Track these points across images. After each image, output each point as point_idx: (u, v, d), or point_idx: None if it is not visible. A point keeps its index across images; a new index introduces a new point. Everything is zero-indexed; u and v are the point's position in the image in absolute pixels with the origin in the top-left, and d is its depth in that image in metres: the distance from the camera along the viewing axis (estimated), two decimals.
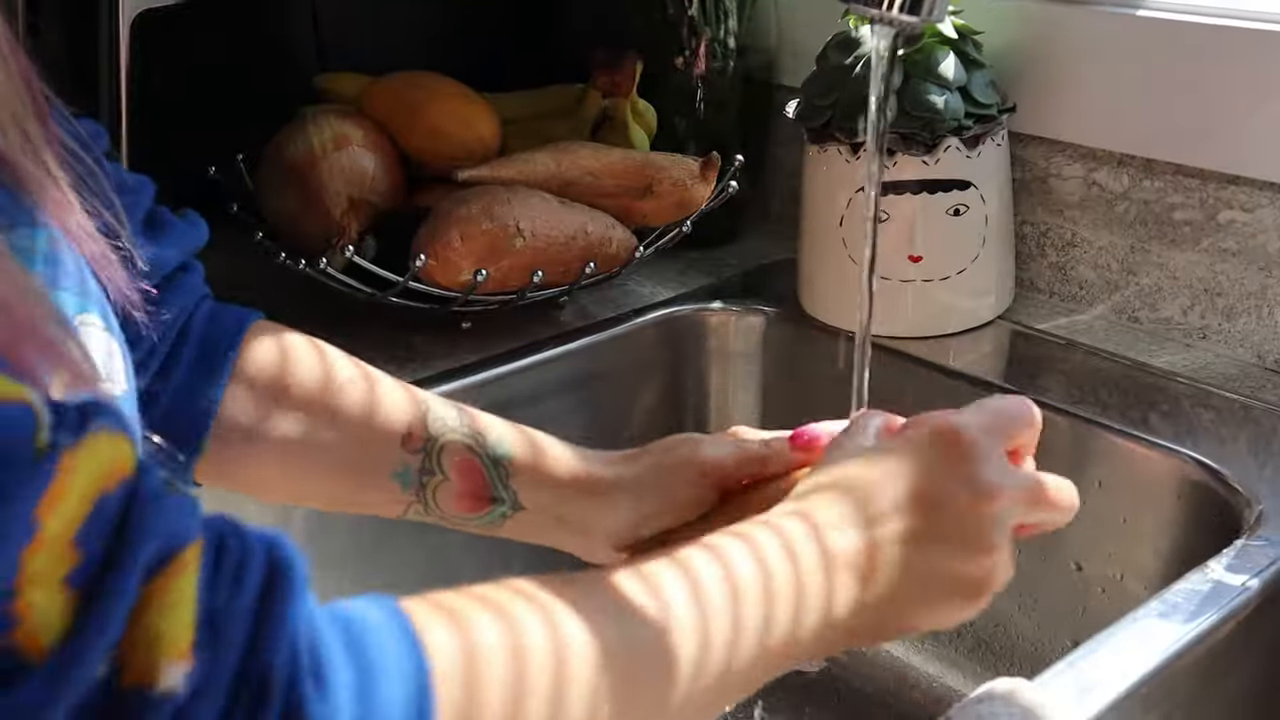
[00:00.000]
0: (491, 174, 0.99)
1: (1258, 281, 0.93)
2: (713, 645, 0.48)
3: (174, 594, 0.33)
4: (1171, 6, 0.94)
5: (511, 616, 0.43)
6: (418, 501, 0.65)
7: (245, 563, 0.36)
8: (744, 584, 0.49)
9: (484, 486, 0.65)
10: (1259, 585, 0.69)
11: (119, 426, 0.34)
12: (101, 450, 0.33)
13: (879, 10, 0.61)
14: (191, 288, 0.63)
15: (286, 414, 0.64)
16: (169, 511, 0.34)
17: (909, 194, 0.96)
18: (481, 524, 0.66)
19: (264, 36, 1.13)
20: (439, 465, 0.65)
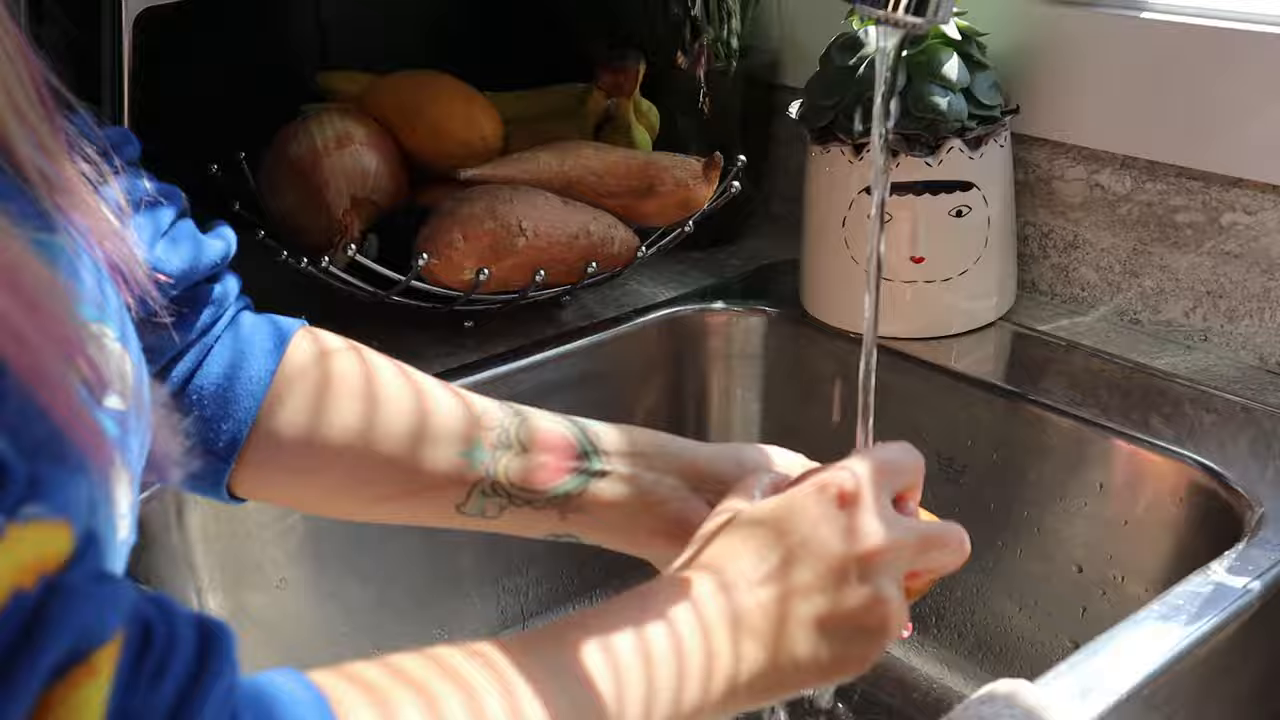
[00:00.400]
0: (494, 173, 0.99)
1: (1260, 284, 0.93)
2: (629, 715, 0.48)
3: (78, 701, 0.31)
4: (1175, 9, 0.94)
5: (435, 700, 0.43)
6: (485, 479, 0.63)
7: (169, 658, 0.34)
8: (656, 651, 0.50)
9: (572, 450, 0.64)
10: (1260, 587, 0.69)
11: (60, 512, 0.32)
12: (27, 543, 0.31)
13: (885, 11, 0.61)
14: (221, 297, 0.62)
15: (335, 409, 0.62)
16: (86, 608, 0.32)
17: (911, 195, 0.95)
18: (558, 493, 0.64)
19: (266, 35, 1.13)
20: (517, 438, 0.64)
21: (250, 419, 0.61)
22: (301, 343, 0.64)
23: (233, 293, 0.64)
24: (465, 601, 0.98)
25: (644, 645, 0.50)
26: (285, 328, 0.64)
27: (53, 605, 0.31)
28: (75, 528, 0.33)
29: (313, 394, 0.62)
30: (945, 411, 0.95)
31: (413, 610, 0.95)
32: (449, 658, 0.45)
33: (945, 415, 0.95)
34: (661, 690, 0.49)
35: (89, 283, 0.46)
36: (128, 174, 0.55)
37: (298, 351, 0.63)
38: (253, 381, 0.62)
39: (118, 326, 0.48)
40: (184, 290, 0.60)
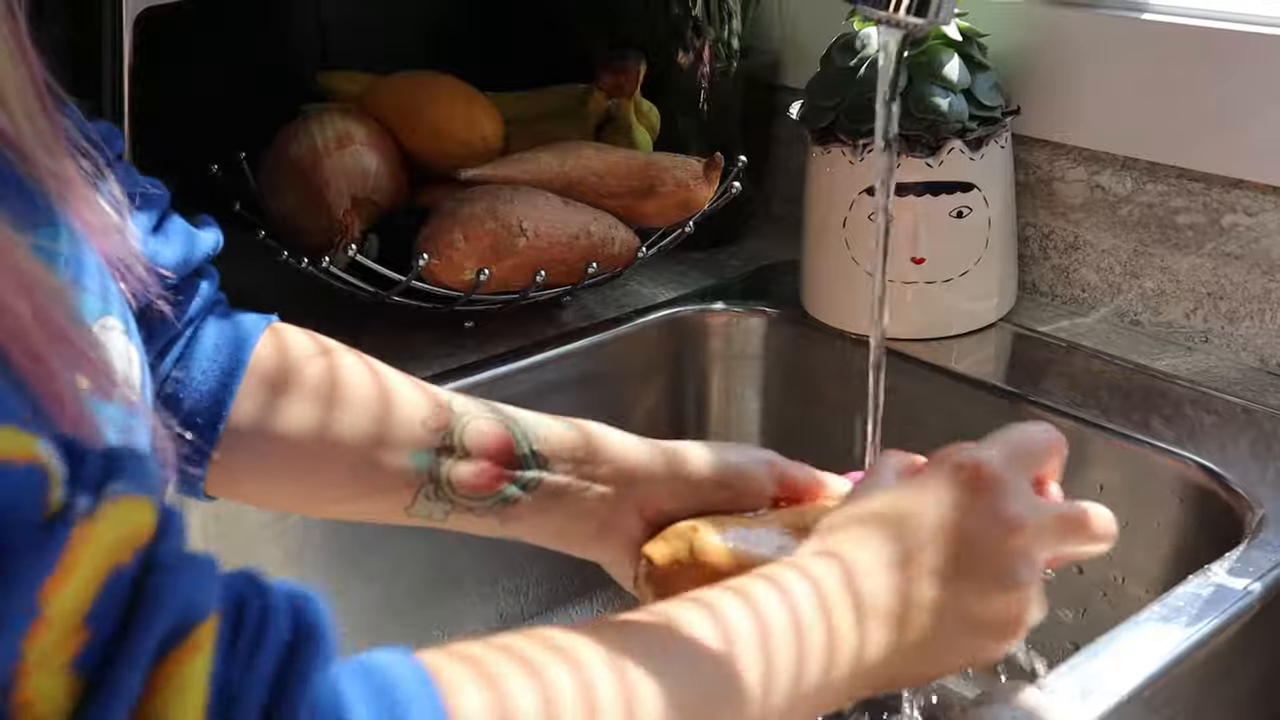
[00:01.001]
0: (495, 173, 0.99)
1: (1261, 285, 0.93)
2: (745, 696, 0.47)
3: (185, 676, 0.32)
4: (1176, 10, 0.94)
5: (542, 674, 0.42)
6: (429, 483, 0.64)
7: (264, 631, 0.34)
8: (775, 631, 0.48)
9: (507, 455, 0.64)
10: (1261, 589, 0.69)
11: (141, 486, 0.33)
12: (119, 519, 0.32)
13: (886, 12, 0.61)
14: (203, 294, 0.63)
15: (294, 406, 0.63)
16: (185, 582, 0.33)
17: (912, 196, 0.95)
18: (495, 502, 0.64)
19: (267, 35, 1.13)
20: (460, 442, 0.64)
21: (225, 412, 0.61)
22: (268, 339, 0.64)
23: (214, 288, 0.64)
24: (465, 601, 0.98)
25: (763, 625, 0.48)
26: (254, 324, 0.64)
27: (152, 582, 0.32)
28: (156, 503, 0.33)
29: (271, 391, 0.63)
30: (946, 412, 0.95)
31: (412, 610, 0.95)
32: (557, 636, 0.44)
33: (946, 416, 0.95)
34: (780, 670, 0.48)
35: (94, 273, 0.46)
36: (118, 167, 0.55)
37: (267, 348, 0.64)
38: (227, 373, 0.62)
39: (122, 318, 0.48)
40: (176, 282, 0.60)
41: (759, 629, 0.48)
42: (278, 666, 0.34)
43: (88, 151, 0.50)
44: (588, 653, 0.43)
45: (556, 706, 0.41)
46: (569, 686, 0.42)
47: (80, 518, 0.31)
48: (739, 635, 0.47)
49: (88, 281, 0.45)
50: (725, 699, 0.46)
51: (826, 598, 0.50)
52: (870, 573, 0.51)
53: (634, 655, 0.44)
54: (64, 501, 0.31)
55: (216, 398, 0.61)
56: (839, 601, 0.50)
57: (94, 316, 0.45)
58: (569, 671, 0.42)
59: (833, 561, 0.52)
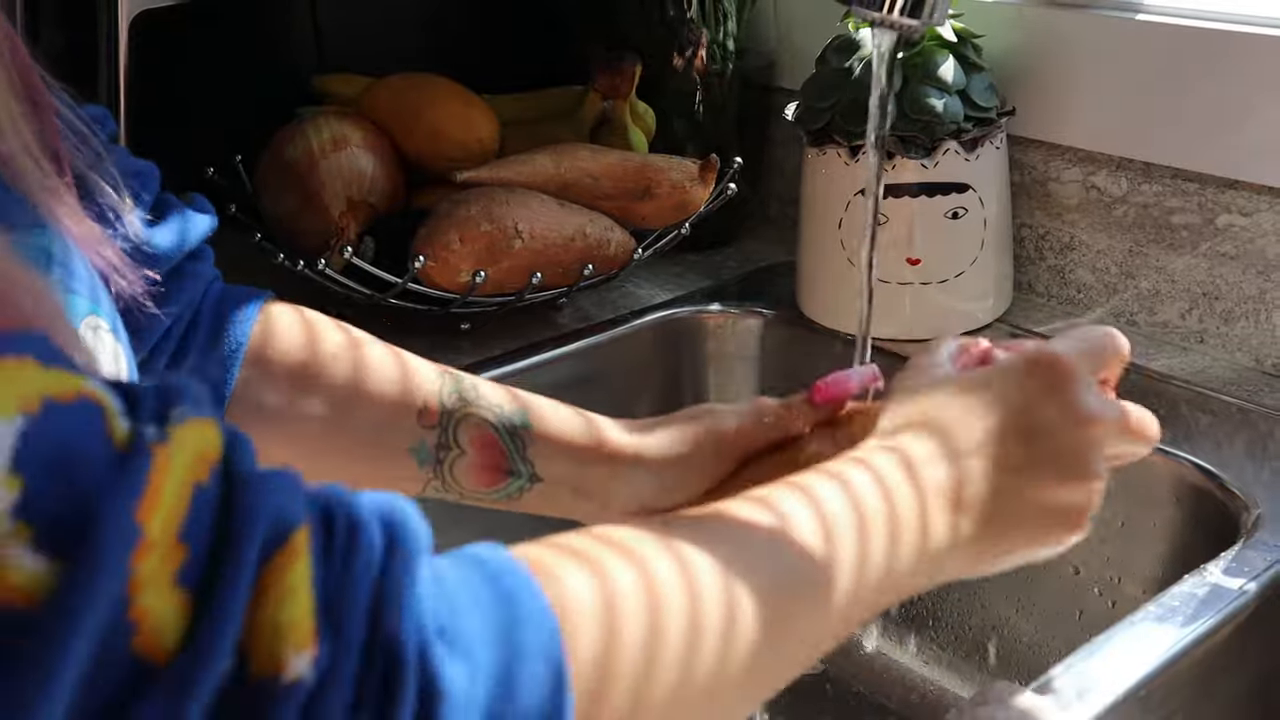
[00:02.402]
0: (490, 175, 0.99)
1: (1256, 285, 0.93)
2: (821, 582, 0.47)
3: (289, 581, 0.32)
4: (1170, 11, 0.94)
5: (641, 559, 0.42)
6: (435, 478, 0.65)
7: (356, 537, 0.34)
8: (843, 520, 0.48)
9: (501, 459, 0.65)
10: (1257, 589, 0.69)
11: (201, 409, 0.33)
12: (190, 440, 0.32)
13: (880, 13, 0.62)
14: (201, 274, 0.63)
15: (315, 394, 0.63)
16: (271, 493, 0.33)
17: (907, 197, 0.96)
18: (499, 497, 0.66)
19: (263, 37, 1.13)
20: (455, 440, 0.65)
21: (225, 393, 0.62)
22: (280, 314, 0.65)
23: (210, 269, 0.64)
24: None
25: (827, 516, 0.48)
26: (255, 297, 0.65)
27: (239, 495, 0.32)
28: (219, 423, 0.34)
29: (290, 370, 0.63)
30: None
31: None
32: (655, 525, 0.45)
33: None
34: (873, 552, 0.48)
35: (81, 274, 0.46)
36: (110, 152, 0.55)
37: (276, 323, 0.64)
38: (226, 354, 0.62)
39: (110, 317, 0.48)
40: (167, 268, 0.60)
41: (825, 519, 0.48)
42: (377, 567, 0.34)
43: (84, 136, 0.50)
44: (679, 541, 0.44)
45: (658, 591, 0.41)
46: (670, 571, 0.42)
47: (153, 442, 0.31)
48: (811, 523, 0.48)
49: (75, 282, 0.45)
50: (807, 584, 0.47)
51: (889, 486, 0.50)
52: (932, 463, 0.51)
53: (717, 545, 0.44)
54: (130, 430, 0.31)
55: (218, 378, 0.62)
56: (902, 489, 0.50)
57: (81, 316, 0.45)
58: (668, 557, 0.43)
59: (895, 455, 0.52)
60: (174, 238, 0.60)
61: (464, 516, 0.79)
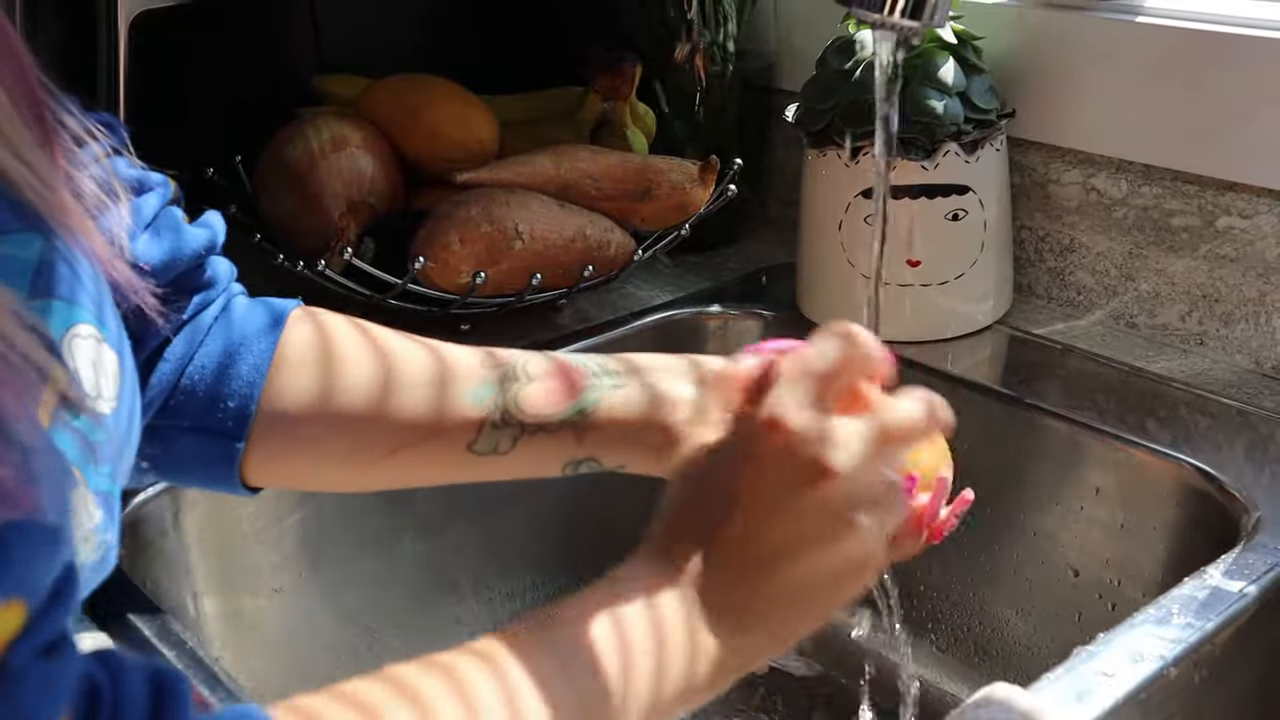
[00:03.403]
0: (490, 176, 0.99)
1: (1255, 288, 0.93)
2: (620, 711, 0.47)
3: None
4: (1170, 13, 0.94)
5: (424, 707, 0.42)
6: (494, 413, 0.61)
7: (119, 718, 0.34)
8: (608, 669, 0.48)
9: (574, 373, 0.62)
10: (1257, 591, 0.69)
11: (16, 587, 0.32)
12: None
13: (880, 15, 0.61)
14: (209, 283, 0.62)
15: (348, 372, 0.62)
16: (31, 693, 0.31)
17: (907, 198, 0.96)
18: (572, 413, 0.62)
19: (263, 38, 1.13)
20: (524, 370, 0.62)
21: (256, 394, 0.61)
22: (300, 319, 0.64)
23: (223, 278, 0.63)
24: (462, 606, 0.97)
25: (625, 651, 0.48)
26: (281, 306, 0.64)
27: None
28: (30, 603, 0.32)
29: (318, 363, 0.62)
30: None
31: (408, 613, 0.95)
32: (449, 662, 0.45)
33: None
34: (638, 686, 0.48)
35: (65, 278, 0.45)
36: (113, 160, 0.55)
37: (297, 327, 0.63)
38: (254, 356, 0.61)
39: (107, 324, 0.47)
40: (169, 279, 0.60)
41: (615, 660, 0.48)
42: None
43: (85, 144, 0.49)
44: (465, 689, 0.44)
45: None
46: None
47: None
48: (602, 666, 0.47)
49: (59, 286, 0.44)
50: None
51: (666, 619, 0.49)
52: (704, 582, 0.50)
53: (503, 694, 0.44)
54: None
55: (247, 380, 0.61)
56: (678, 620, 0.49)
57: (61, 324, 0.44)
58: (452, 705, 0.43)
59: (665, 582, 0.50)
60: (166, 253, 0.59)
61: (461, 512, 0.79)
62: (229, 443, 0.61)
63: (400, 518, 0.94)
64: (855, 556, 0.51)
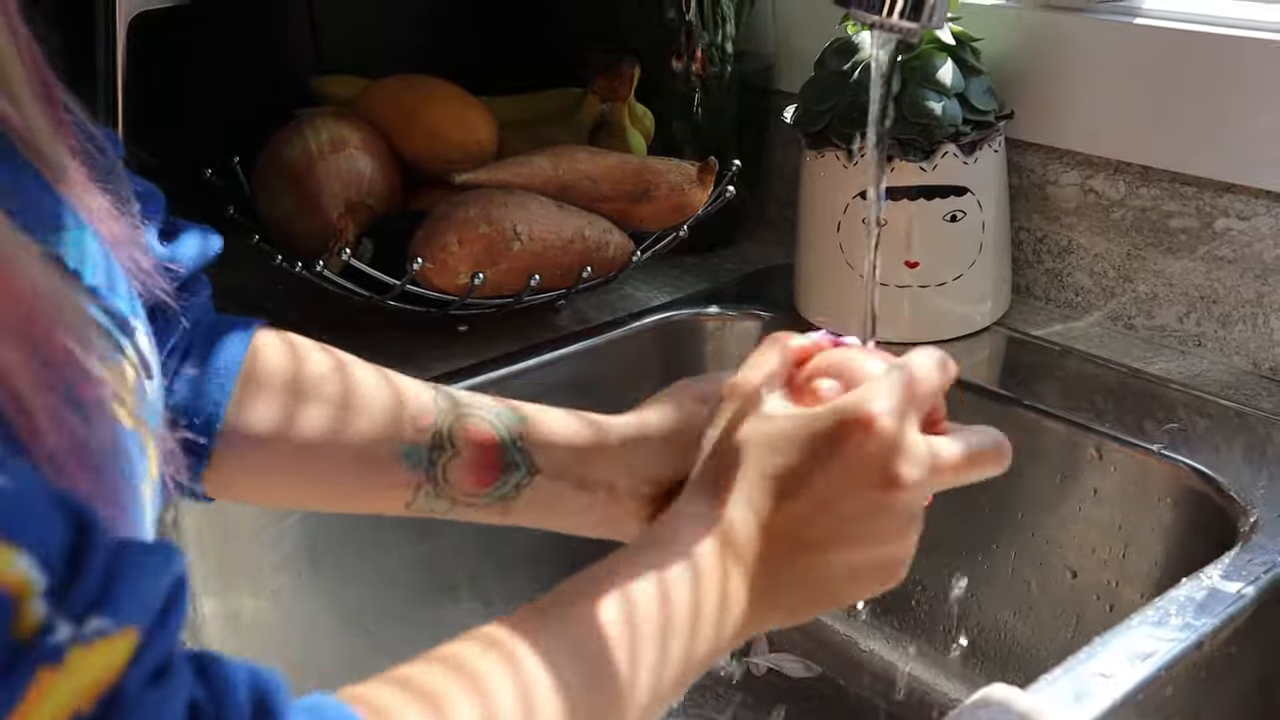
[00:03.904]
0: (489, 177, 0.99)
1: (1253, 289, 0.93)
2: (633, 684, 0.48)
3: None
4: (1168, 15, 0.94)
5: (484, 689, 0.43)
6: (428, 481, 0.64)
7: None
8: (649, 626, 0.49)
9: (498, 455, 0.64)
10: (1255, 592, 0.69)
11: (131, 613, 0.32)
12: (92, 663, 0.31)
13: (878, 16, 0.62)
14: (201, 296, 0.63)
15: (306, 414, 0.62)
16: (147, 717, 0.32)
17: (906, 200, 0.96)
18: (494, 498, 0.64)
19: (261, 38, 1.13)
20: (450, 440, 0.64)
21: (221, 413, 0.61)
22: (268, 339, 0.64)
23: (207, 292, 0.64)
24: (460, 607, 0.97)
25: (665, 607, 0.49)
26: (248, 324, 0.64)
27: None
28: (143, 628, 0.32)
29: (281, 390, 0.63)
30: None
31: (407, 614, 0.95)
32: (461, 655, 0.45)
33: None
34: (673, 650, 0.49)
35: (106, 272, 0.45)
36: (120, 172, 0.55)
37: (265, 347, 0.64)
38: (221, 375, 0.61)
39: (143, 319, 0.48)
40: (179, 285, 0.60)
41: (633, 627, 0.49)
42: None
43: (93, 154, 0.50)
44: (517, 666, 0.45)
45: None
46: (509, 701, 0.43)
47: (45, 663, 0.30)
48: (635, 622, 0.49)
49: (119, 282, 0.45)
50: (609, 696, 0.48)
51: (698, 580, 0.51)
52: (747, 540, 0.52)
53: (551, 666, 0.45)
54: (41, 624, 0.30)
55: (213, 399, 0.61)
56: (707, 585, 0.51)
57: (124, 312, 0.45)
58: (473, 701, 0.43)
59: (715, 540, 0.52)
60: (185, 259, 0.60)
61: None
62: (194, 460, 0.61)
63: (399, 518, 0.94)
64: (890, 561, 0.54)
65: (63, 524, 0.31)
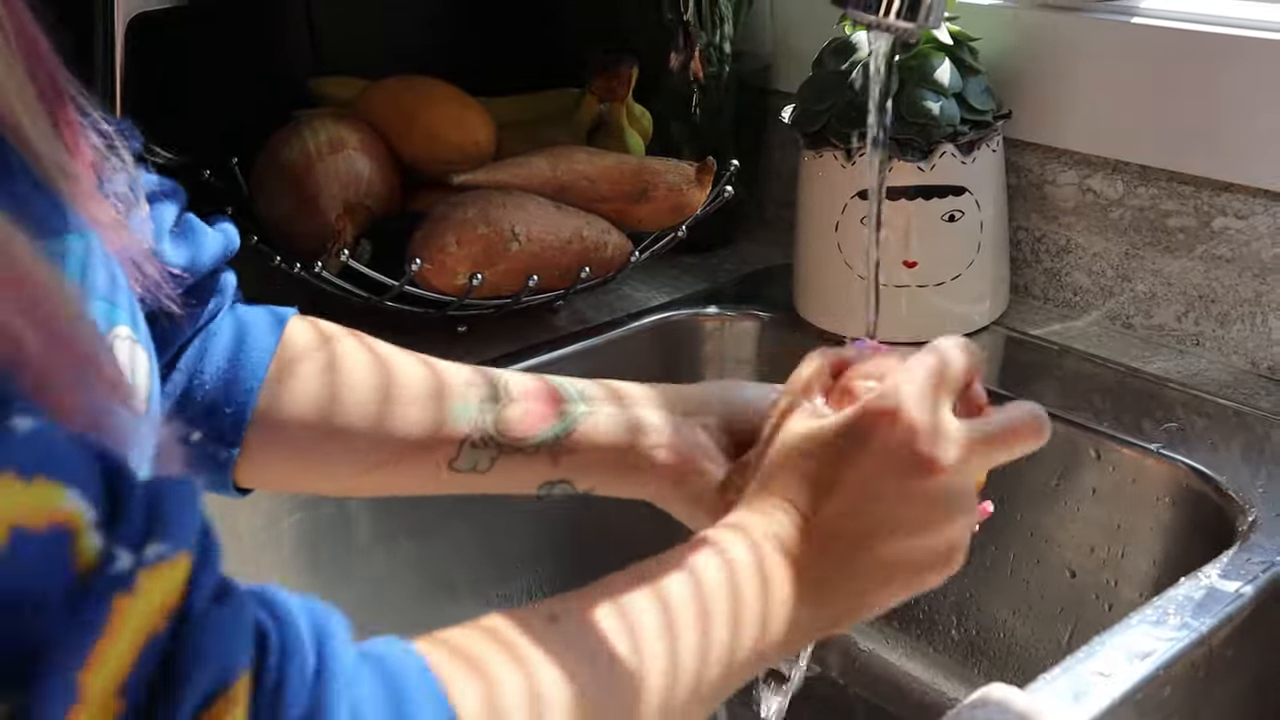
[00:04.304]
0: (487, 178, 0.99)
1: (1251, 288, 0.93)
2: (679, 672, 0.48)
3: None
4: (1166, 14, 0.94)
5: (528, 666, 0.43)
6: (474, 433, 0.63)
7: (287, 665, 0.34)
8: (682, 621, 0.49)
9: (554, 396, 0.64)
10: (1253, 592, 0.69)
11: (180, 537, 0.33)
12: (158, 586, 0.31)
13: (876, 16, 0.62)
14: (223, 291, 0.63)
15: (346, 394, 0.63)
16: (217, 638, 0.32)
17: (904, 199, 0.96)
18: (547, 437, 0.64)
19: (259, 40, 1.13)
20: (505, 390, 0.64)
21: (252, 403, 0.61)
22: (299, 326, 0.64)
23: (232, 285, 0.64)
24: (459, 608, 0.97)
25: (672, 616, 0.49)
26: (280, 313, 0.65)
27: (185, 643, 0.32)
28: (194, 552, 0.33)
29: (317, 373, 0.63)
30: None
31: (406, 614, 0.95)
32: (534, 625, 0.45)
33: None
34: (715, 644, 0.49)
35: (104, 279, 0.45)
36: (135, 167, 0.55)
37: (297, 334, 0.64)
38: (253, 365, 0.62)
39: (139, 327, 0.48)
40: (191, 282, 0.60)
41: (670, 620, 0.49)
42: (307, 698, 0.34)
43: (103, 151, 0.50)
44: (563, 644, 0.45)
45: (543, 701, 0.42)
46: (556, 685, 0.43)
47: (119, 590, 0.30)
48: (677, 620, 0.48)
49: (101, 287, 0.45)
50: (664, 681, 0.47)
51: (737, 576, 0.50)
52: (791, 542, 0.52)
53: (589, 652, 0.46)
54: (100, 555, 0.30)
55: (246, 385, 0.61)
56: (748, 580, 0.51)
57: (104, 325, 0.45)
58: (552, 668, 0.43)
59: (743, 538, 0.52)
60: (192, 255, 0.60)
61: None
62: (224, 449, 0.61)
63: (398, 519, 0.94)
64: (941, 548, 0.54)
65: (95, 463, 0.32)
